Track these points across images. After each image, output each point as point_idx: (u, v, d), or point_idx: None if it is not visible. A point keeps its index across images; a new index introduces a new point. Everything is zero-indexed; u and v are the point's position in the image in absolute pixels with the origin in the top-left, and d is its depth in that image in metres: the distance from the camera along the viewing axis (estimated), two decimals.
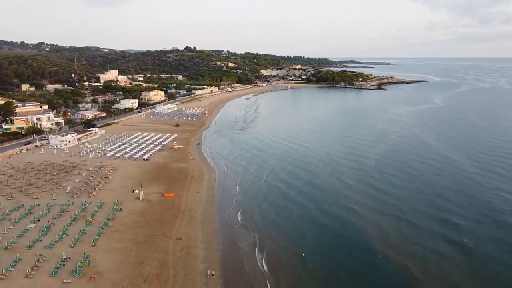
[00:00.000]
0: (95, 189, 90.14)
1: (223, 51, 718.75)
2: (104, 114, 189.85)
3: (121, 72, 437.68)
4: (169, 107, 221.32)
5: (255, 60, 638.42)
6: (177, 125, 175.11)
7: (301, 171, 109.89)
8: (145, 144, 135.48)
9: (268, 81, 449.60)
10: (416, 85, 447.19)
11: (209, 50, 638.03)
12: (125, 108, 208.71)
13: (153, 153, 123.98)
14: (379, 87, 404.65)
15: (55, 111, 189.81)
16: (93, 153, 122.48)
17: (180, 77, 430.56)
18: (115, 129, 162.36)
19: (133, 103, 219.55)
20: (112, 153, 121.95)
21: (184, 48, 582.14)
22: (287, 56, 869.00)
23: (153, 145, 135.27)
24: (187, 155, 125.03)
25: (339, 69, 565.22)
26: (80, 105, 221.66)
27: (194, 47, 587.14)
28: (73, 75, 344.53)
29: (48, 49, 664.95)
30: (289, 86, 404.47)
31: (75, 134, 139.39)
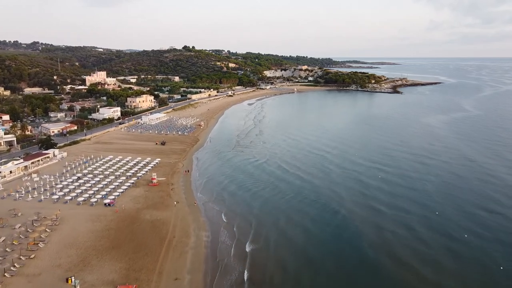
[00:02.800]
0: (4, 275, 54.57)
1: (224, 51, 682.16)
2: (75, 127, 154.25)
3: (114, 73, 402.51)
4: (157, 117, 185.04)
5: (257, 60, 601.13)
6: (163, 143, 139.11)
7: (300, 232, 71.58)
8: (114, 176, 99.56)
9: (272, 83, 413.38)
10: (433, 87, 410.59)
11: (209, 50, 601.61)
12: (104, 119, 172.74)
13: (122, 192, 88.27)
14: (395, 90, 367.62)
15: (16, 123, 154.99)
16: (36, 192, 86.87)
17: (176, 78, 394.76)
18: (82, 150, 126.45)
19: (114, 111, 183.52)
20: (61, 193, 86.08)
21: (182, 48, 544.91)
22: (290, 56, 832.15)
23: (125, 177, 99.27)
24: (170, 194, 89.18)
25: (347, 70, 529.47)
26: (52, 115, 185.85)
27: (193, 47, 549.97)
28: (55, 77, 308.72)
29: (41, 48, 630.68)
30: (295, 89, 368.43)
31: (21, 160, 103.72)
